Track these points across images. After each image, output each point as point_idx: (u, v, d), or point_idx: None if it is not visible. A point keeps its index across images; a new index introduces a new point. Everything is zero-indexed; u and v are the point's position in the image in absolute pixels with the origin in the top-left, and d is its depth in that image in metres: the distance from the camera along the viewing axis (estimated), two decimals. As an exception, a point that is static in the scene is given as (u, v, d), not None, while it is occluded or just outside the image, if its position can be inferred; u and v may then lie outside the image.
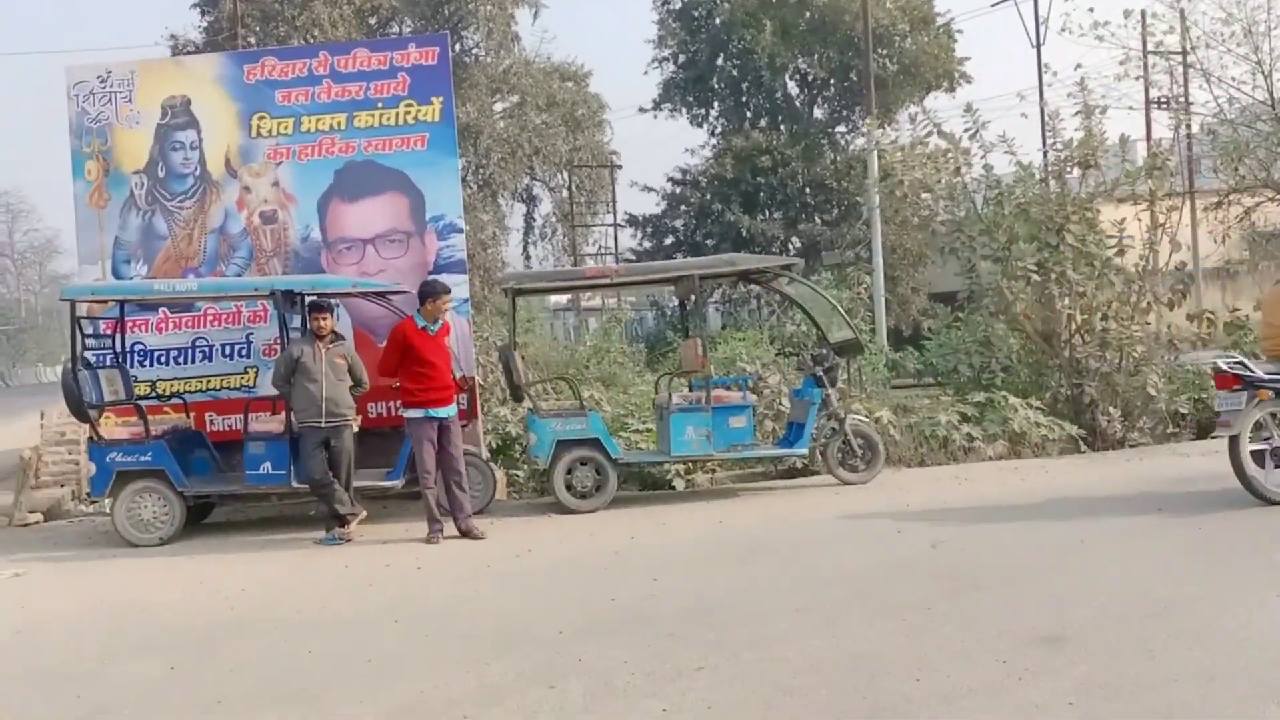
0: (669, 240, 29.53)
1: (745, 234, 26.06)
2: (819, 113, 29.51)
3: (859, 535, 7.38)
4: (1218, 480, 8.04)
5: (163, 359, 9.67)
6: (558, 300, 34.79)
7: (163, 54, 23.45)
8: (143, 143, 9.84)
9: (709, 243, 27.26)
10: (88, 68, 10.04)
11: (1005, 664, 4.43)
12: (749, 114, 29.62)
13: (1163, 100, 23.44)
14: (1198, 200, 17.37)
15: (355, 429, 8.28)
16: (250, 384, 9.62)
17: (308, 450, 8.04)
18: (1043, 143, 12.19)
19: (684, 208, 29.25)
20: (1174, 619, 4.89)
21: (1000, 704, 4.01)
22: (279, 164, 9.86)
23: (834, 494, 9.09)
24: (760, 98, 29.44)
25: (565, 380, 11.60)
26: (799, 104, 29.51)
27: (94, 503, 10.09)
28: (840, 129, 29.22)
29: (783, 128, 28.34)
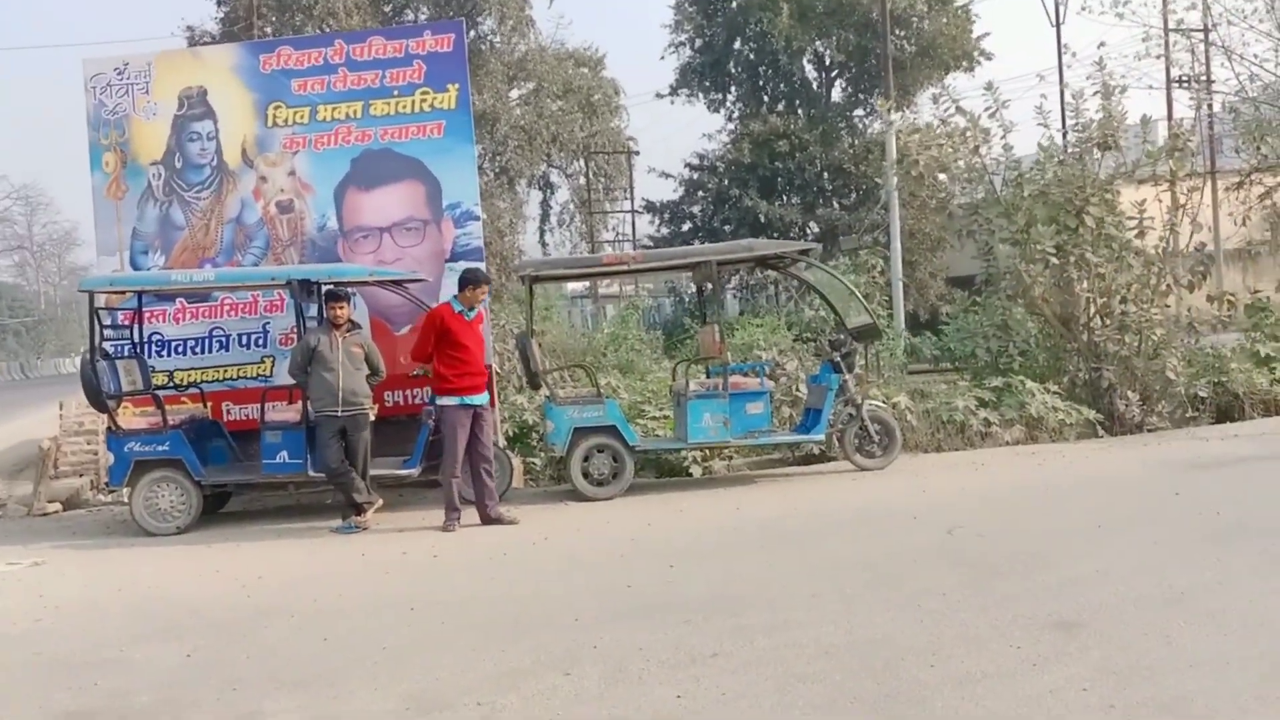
0: (686, 226, 29.43)
1: (763, 219, 25.95)
2: (837, 96, 29.31)
3: (875, 522, 7.36)
4: (1237, 464, 7.97)
5: (180, 349, 9.71)
6: (575, 287, 34.80)
7: (179, 45, 23.54)
8: (160, 134, 9.88)
9: (726, 228, 27.16)
10: (105, 60, 10.09)
11: (1019, 650, 4.41)
12: (766, 98, 29.45)
13: (1184, 79, 23.19)
14: (1219, 180, 17.15)
15: (372, 417, 8.31)
16: (267, 373, 9.64)
17: (324, 439, 8.08)
18: (1063, 124, 12.05)
19: (701, 193, 29.13)
20: (1190, 605, 4.86)
21: (1014, 689, 4.00)
22: (295, 153, 9.86)
23: (851, 480, 9.07)
24: (777, 81, 29.27)
25: (582, 367, 11.61)
26: (816, 87, 29.32)
27: (112, 492, 10.19)
28: (858, 112, 29.02)
29: (800, 112, 28.17)
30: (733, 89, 30.24)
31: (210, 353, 9.72)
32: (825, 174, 27.31)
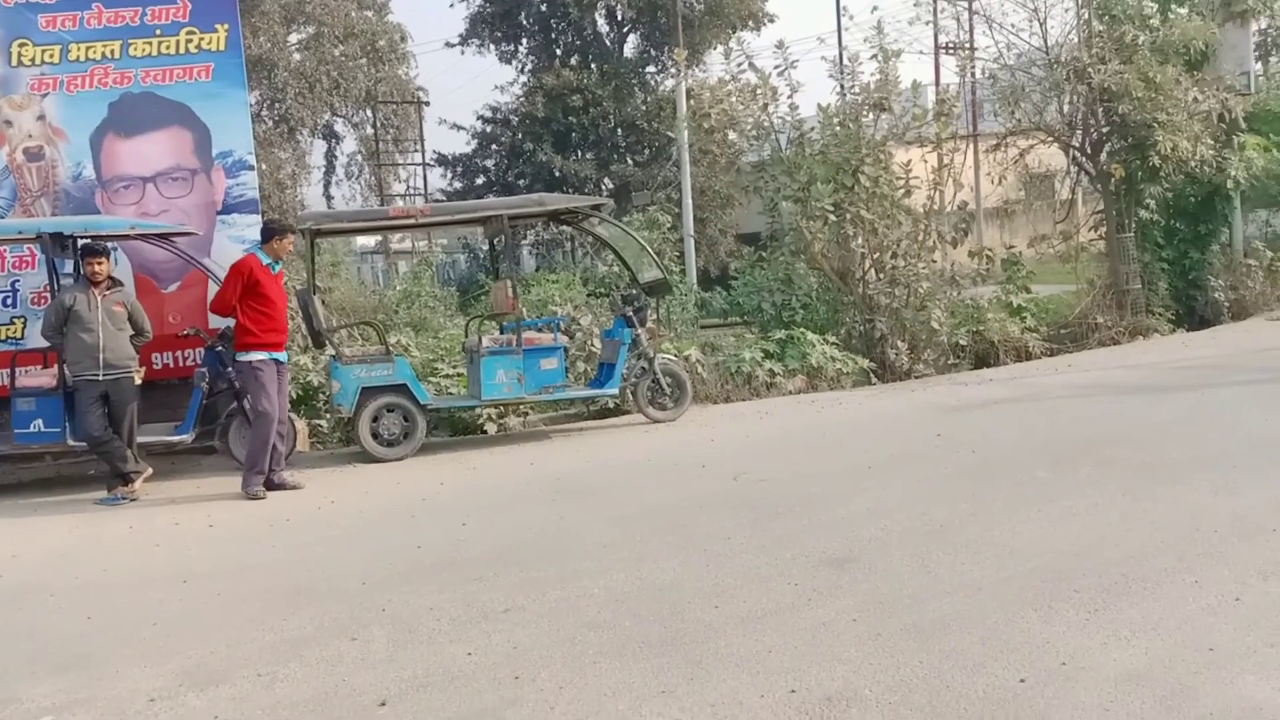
0: (480, 180, 28.94)
1: (557, 174, 25.86)
2: (629, 52, 29.44)
3: (666, 471, 7.55)
4: (991, 406, 8.67)
5: (-86, 310, 8.78)
6: (366, 243, 33.57)
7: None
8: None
9: (521, 183, 26.89)
10: None
11: (797, 586, 4.65)
12: (559, 51, 29.20)
13: (950, 45, 24.66)
14: (980, 143, 18.38)
15: (138, 381, 7.76)
16: (17, 336, 8.88)
17: (84, 405, 7.50)
18: (840, 86, 12.57)
19: (495, 147, 28.71)
20: (949, 536, 5.26)
21: (791, 624, 4.21)
22: (44, 96, 9.07)
23: (644, 432, 9.26)
24: (570, 35, 29.06)
25: (370, 324, 11.26)
26: (609, 42, 29.34)
27: None
28: (651, 69, 29.28)
29: (594, 66, 28.13)
30: (525, 40, 29.78)
31: (-51, 313, 8.83)
32: (619, 130, 27.47)
